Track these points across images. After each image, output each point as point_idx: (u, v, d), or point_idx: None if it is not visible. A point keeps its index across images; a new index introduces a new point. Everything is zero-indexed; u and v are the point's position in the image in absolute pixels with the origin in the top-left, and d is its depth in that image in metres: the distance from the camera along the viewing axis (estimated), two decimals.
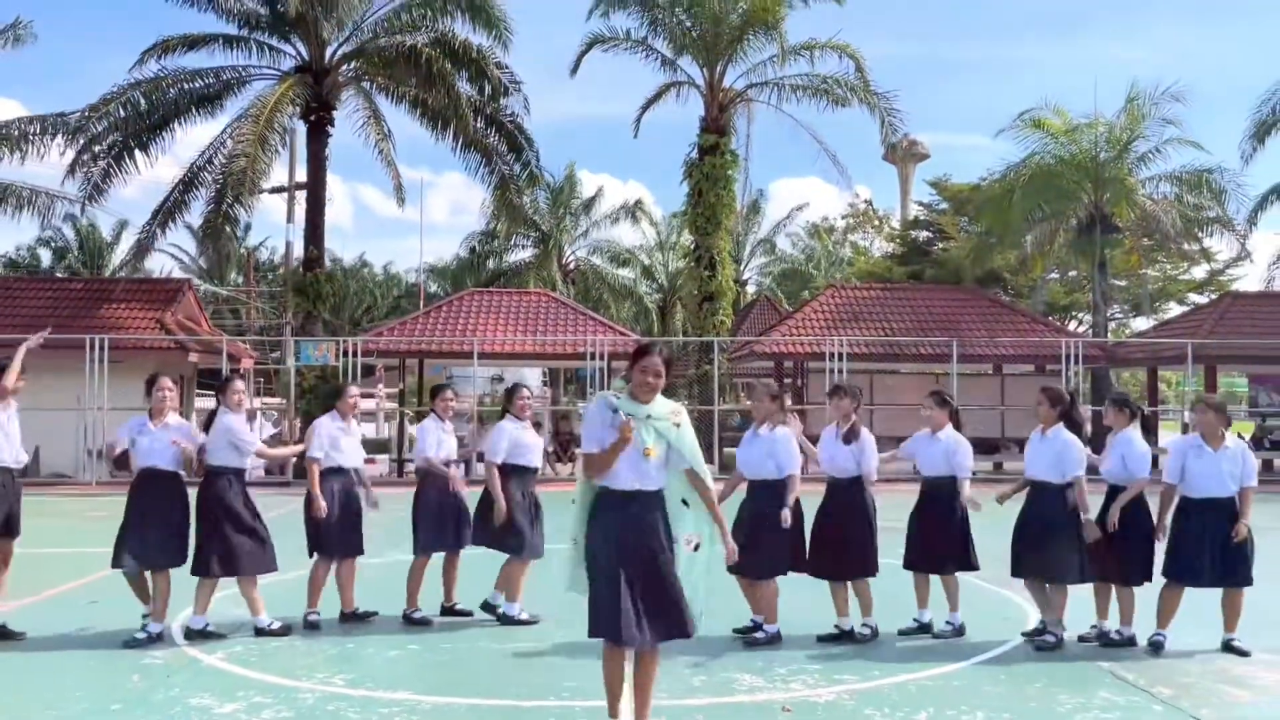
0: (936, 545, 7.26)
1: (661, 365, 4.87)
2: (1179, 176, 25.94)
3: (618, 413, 4.80)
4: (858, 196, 57.87)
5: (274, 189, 27.89)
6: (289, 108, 22.26)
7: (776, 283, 46.02)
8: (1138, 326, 38.44)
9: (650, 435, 4.82)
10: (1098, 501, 7.06)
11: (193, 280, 28.20)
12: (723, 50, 24.52)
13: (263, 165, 21.51)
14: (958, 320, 24.42)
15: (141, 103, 22.27)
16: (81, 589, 8.80)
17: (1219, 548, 6.75)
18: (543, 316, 23.91)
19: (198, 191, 22.91)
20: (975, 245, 30.65)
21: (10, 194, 23.31)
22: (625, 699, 4.97)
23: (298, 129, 24.97)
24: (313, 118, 23.33)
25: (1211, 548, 6.76)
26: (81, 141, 22.03)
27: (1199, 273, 37.25)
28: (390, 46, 22.83)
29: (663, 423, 4.86)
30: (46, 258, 46.27)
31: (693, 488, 5.01)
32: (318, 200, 23.89)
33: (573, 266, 40.69)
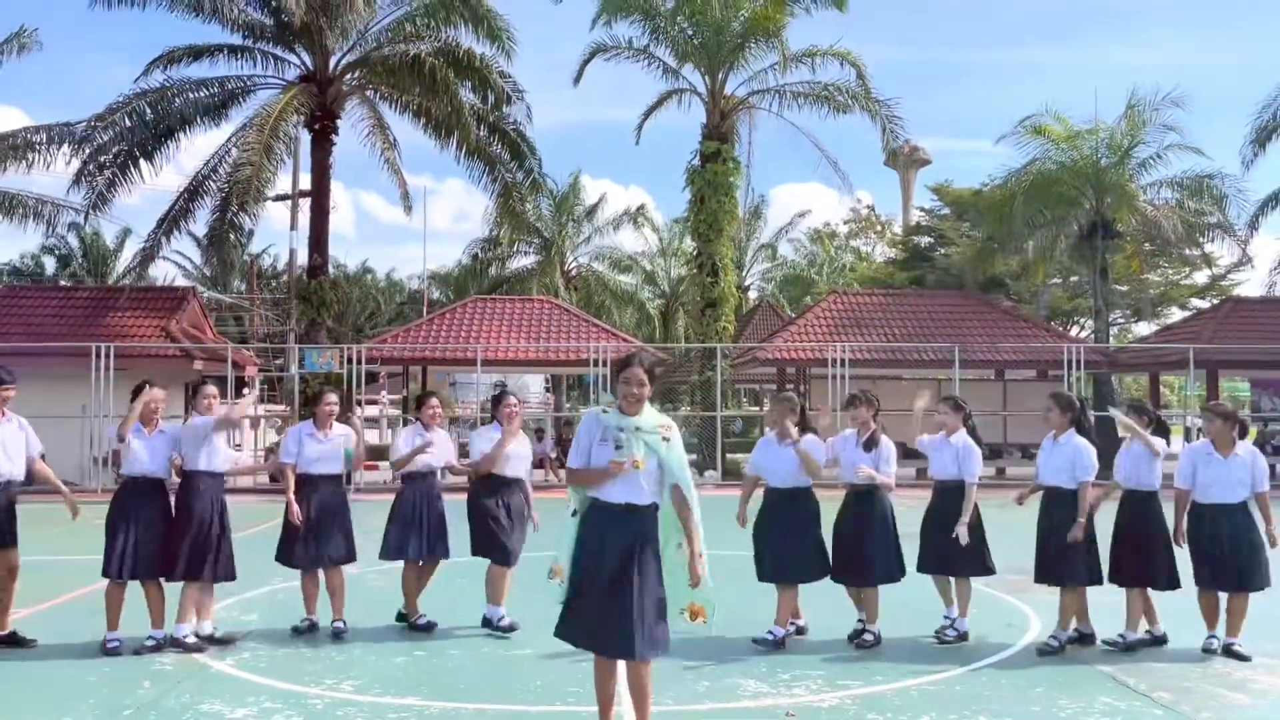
0: (948, 548, 7.32)
1: (644, 374, 4.85)
2: (1180, 182, 25.97)
3: (608, 428, 4.79)
4: (860, 202, 58.05)
5: (278, 197, 28.08)
6: (293, 116, 22.42)
7: (779, 288, 46.08)
8: (1139, 331, 38.47)
9: (639, 448, 4.78)
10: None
11: (197, 288, 28.25)
12: (724, 58, 24.57)
13: (268, 174, 21.67)
14: (960, 326, 24.48)
15: (147, 112, 22.42)
16: (90, 595, 8.84)
17: (1231, 551, 6.84)
18: (545, 323, 24.01)
19: (202, 200, 23.05)
20: (977, 251, 30.66)
21: (17, 203, 23.45)
22: (625, 707, 5.02)
23: (302, 137, 25.11)
24: (317, 126, 23.48)
25: (1224, 551, 6.85)
26: (87, 151, 22.14)
27: (1200, 278, 37.24)
28: (394, 56, 22.96)
29: (652, 436, 4.82)
30: (50, 265, 46.40)
31: (674, 503, 4.92)
32: (321, 208, 24.03)
33: (575, 273, 40.73)
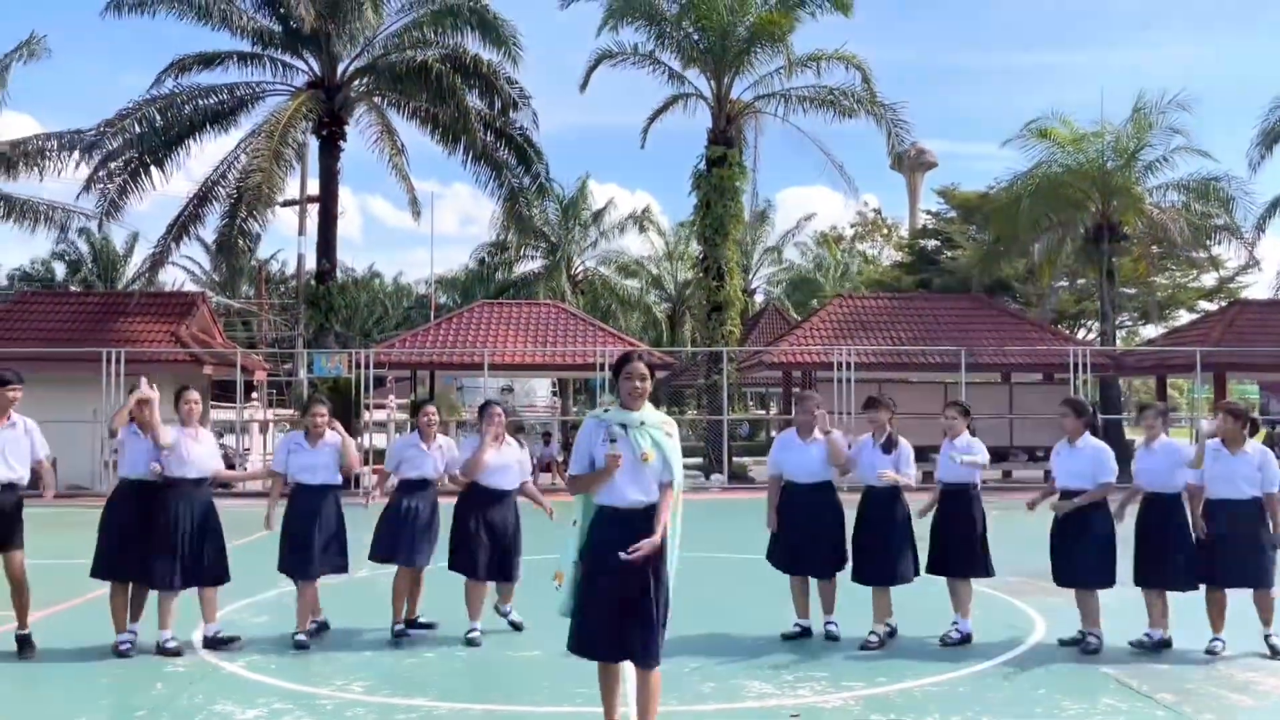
0: (952, 549, 7.38)
1: (644, 369, 4.91)
2: (1187, 185, 25.90)
3: (610, 427, 4.79)
4: (866, 205, 58.03)
5: (286, 202, 28.19)
6: (302, 123, 22.54)
7: (785, 292, 46.08)
8: (1147, 334, 38.37)
9: (646, 441, 4.82)
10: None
11: (206, 293, 28.41)
12: (730, 63, 24.62)
13: (277, 180, 21.80)
14: (966, 329, 24.44)
15: (157, 119, 22.54)
16: (102, 598, 8.92)
17: (1238, 549, 6.88)
18: (552, 327, 24.09)
19: (212, 206, 23.17)
20: (983, 254, 30.62)
21: (28, 209, 23.63)
22: (630, 708, 5.09)
23: (310, 143, 25.25)
24: (325, 132, 23.60)
25: (1230, 549, 6.89)
26: (98, 158, 22.30)
27: (1208, 281, 37.14)
28: (401, 62, 23.12)
29: (656, 430, 4.88)
30: (60, 270, 46.69)
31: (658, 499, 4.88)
32: (329, 213, 24.17)
33: (581, 277, 40.83)
